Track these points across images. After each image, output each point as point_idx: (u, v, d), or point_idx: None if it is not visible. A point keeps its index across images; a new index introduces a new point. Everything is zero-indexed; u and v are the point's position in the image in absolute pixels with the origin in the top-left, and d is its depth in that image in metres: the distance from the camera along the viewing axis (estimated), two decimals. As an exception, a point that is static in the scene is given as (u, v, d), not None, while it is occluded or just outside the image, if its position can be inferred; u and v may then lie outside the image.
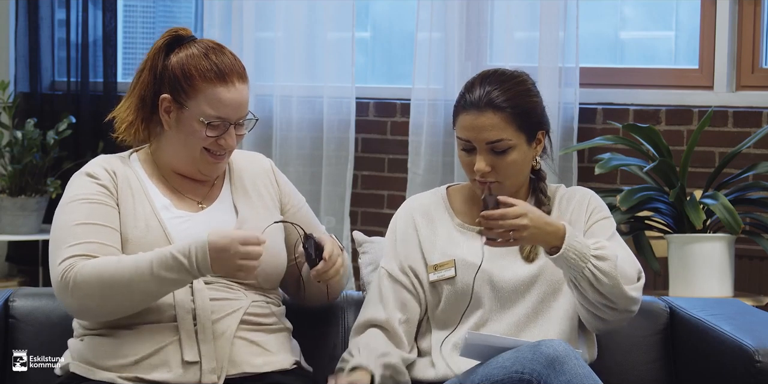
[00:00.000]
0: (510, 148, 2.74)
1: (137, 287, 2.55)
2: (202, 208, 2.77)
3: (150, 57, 2.74)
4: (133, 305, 2.60)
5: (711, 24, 4.73)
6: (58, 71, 5.81)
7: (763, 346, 2.64)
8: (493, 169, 2.74)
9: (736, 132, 4.61)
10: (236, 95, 2.69)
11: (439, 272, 2.78)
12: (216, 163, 2.74)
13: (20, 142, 5.36)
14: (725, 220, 3.98)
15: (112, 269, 2.56)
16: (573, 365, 2.45)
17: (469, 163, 2.76)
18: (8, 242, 5.70)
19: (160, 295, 2.60)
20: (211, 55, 2.71)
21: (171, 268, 2.54)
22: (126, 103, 2.77)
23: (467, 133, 2.74)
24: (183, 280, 2.57)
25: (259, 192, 2.82)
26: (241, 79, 2.71)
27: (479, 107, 2.73)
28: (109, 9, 5.66)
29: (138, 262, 2.56)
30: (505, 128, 2.73)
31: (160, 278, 2.55)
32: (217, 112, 2.68)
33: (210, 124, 2.68)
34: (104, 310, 2.61)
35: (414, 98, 5.08)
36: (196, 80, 2.68)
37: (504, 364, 2.50)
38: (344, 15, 5.18)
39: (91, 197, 2.68)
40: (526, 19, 4.92)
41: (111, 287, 2.56)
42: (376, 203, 5.26)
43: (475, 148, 2.74)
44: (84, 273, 2.56)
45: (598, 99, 4.90)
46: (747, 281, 4.45)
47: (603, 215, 2.83)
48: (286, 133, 5.27)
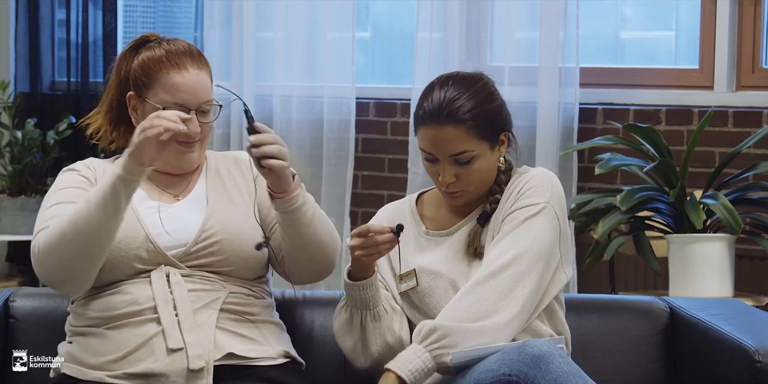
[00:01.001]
0: (473, 157, 2.69)
1: (88, 223, 2.58)
2: (178, 200, 2.80)
3: (117, 62, 2.84)
4: (94, 249, 2.60)
5: (711, 24, 4.74)
6: (58, 71, 5.81)
7: (763, 346, 2.63)
8: (459, 179, 2.70)
9: (736, 132, 4.61)
10: (190, 79, 2.73)
11: (405, 282, 2.77)
12: (185, 152, 2.77)
13: (20, 142, 5.37)
14: (725, 220, 3.98)
15: (66, 218, 2.60)
16: (558, 363, 2.44)
17: (434, 173, 2.72)
18: (8, 242, 5.70)
19: (110, 223, 2.59)
20: (164, 44, 2.77)
21: (106, 188, 2.58)
22: (96, 110, 2.88)
23: (429, 145, 2.69)
24: (123, 186, 2.57)
25: (235, 182, 2.84)
26: (195, 63, 2.75)
27: (439, 121, 2.67)
28: (109, 9, 5.66)
29: (77, 209, 2.59)
30: (468, 140, 2.68)
31: (98, 198, 2.58)
32: (173, 97, 2.72)
33: (167, 110, 2.69)
34: (70, 269, 2.62)
35: (414, 98, 5.05)
36: (152, 70, 2.74)
37: (491, 367, 2.49)
38: (344, 15, 5.18)
39: (70, 185, 2.76)
40: (527, 19, 4.92)
41: (65, 241, 2.59)
42: (376, 203, 5.25)
43: (437, 160, 2.70)
44: (46, 235, 2.62)
45: (598, 99, 4.91)
46: (747, 281, 4.45)
47: (525, 202, 2.70)
48: (287, 133, 5.27)
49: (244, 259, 2.74)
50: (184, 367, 2.61)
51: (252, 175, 2.86)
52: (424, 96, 2.74)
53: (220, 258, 2.73)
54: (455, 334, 2.57)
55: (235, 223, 2.75)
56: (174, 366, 2.61)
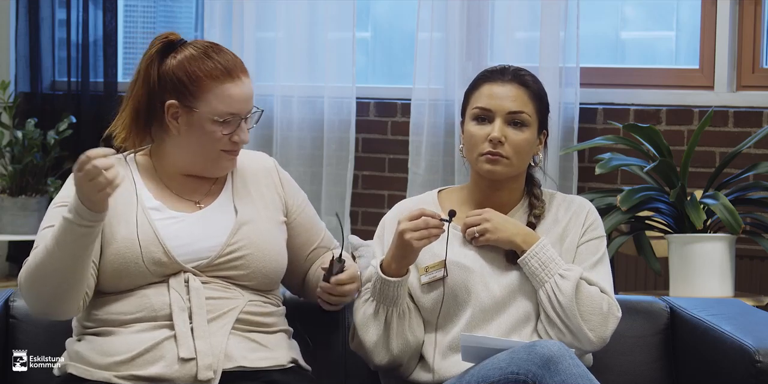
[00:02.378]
0: (526, 125, 2.76)
1: (51, 261, 2.56)
2: (200, 208, 2.76)
3: (143, 68, 2.73)
4: (64, 282, 2.58)
5: (711, 24, 4.73)
6: (58, 71, 5.81)
7: (763, 346, 2.63)
8: (507, 142, 2.75)
9: (736, 132, 4.61)
10: (245, 89, 2.70)
11: (430, 274, 2.77)
12: (231, 160, 2.75)
13: (21, 142, 5.37)
14: (726, 220, 3.98)
15: (31, 258, 2.60)
16: (568, 365, 2.45)
17: (481, 135, 2.75)
18: (8, 242, 5.70)
19: (75, 262, 2.56)
20: (212, 54, 2.70)
21: (61, 227, 2.53)
22: (120, 119, 2.75)
23: (489, 100, 2.76)
24: (72, 230, 2.52)
25: (261, 192, 2.81)
26: (244, 72, 2.72)
27: (505, 78, 2.78)
28: (110, 9, 5.66)
29: (45, 248, 2.57)
30: (527, 103, 2.77)
31: (57, 240, 2.54)
32: (229, 108, 2.68)
33: (224, 122, 2.68)
34: (47, 302, 2.61)
35: (414, 98, 5.08)
36: (203, 80, 2.67)
37: (499, 364, 2.49)
38: (345, 15, 5.18)
39: (66, 202, 2.62)
40: (527, 19, 4.92)
41: (36, 270, 2.59)
42: (376, 203, 5.26)
43: (491, 118, 2.75)
44: (24, 271, 2.62)
45: (598, 99, 4.90)
46: (747, 281, 4.45)
47: (598, 234, 2.82)
48: (287, 133, 5.27)
49: (265, 274, 2.72)
50: (193, 374, 2.59)
51: (281, 188, 2.84)
52: (484, 70, 2.84)
53: (243, 272, 2.70)
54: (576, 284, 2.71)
55: (264, 238, 2.72)
56: (182, 373, 2.59)
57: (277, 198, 2.82)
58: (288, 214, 2.83)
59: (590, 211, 2.84)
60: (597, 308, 2.70)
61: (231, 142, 2.70)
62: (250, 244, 2.70)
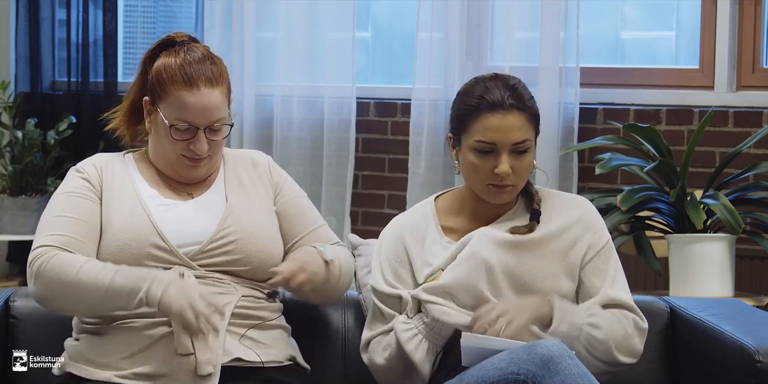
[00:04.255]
0: (529, 148, 2.72)
1: (89, 298, 2.61)
2: (192, 197, 2.80)
3: (141, 62, 2.82)
4: (84, 310, 2.67)
5: (711, 24, 4.73)
6: (58, 71, 5.81)
7: (763, 346, 2.63)
8: (513, 172, 2.70)
9: (736, 132, 4.61)
10: (201, 99, 2.71)
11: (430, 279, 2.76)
12: (193, 166, 2.77)
13: (21, 142, 5.36)
14: (726, 220, 3.98)
15: (73, 275, 2.61)
16: (567, 365, 2.45)
17: (485, 168, 2.70)
18: (8, 242, 5.70)
19: (109, 310, 2.64)
20: (187, 60, 2.74)
21: (120, 297, 2.60)
22: (118, 107, 2.86)
23: (493, 134, 2.68)
24: (128, 303, 2.61)
25: (253, 182, 2.85)
26: (210, 84, 2.73)
27: (504, 107, 2.68)
28: (110, 9, 5.66)
29: (98, 278, 2.60)
30: (528, 128, 2.71)
31: (109, 299, 2.61)
32: (181, 115, 2.72)
33: (174, 127, 2.72)
34: (58, 306, 2.67)
35: (414, 98, 5.08)
36: (165, 84, 2.73)
37: (499, 365, 2.49)
38: (345, 15, 5.18)
39: (74, 190, 2.75)
40: (527, 19, 4.92)
41: (67, 289, 2.61)
42: (376, 203, 5.26)
43: (496, 150, 2.69)
44: (48, 267, 2.62)
45: (598, 99, 4.90)
46: (747, 281, 4.45)
47: (604, 238, 2.80)
48: (287, 133, 5.27)
49: (261, 259, 2.73)
50: (192, 369, 2.61)
51: (270, 179, 2.86)
52: (475, 90, 2.72)
53: (237, 257, 2.73)
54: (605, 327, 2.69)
55: (254, 223, 2.75)
56: (182, 368, 2.61)
57: (267, 186, 2.85)
58: (275, 200, 2.84)
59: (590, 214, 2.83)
60: (626, 337, 2.72)
61: (188, 149, 2.74)
62: (241, 229, 2.73)
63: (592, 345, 2.68)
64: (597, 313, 2.70)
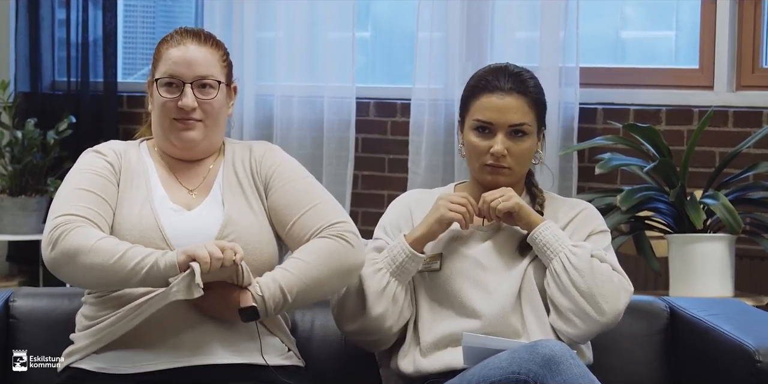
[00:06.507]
0: (527, 134, 2.78)
1: (102, 263, 2.57)
2: (194, 199, 2.78)
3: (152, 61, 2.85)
4: (94, 278, 2.60)
5: (711, 24, 4.74)
6: (58, 71, 5.80)
7: (763, 346, 2.64)
8: (509, 154, 2.77)
9: (736, 132, 4.61)
10: (186, 53, 2.75)
11: (426, 264, 2.79)
12: (184, 129, 2.76)
13: (20, 141, 5.36)
14: (726, 220, 3.98)
15: (92, 243, 2.57)
16: (569, 365, 2.45)
17: (482, 147, 2.77)
18: (8, 242, 5.70)
19: (120, 277, 2.59)
20: (182, 27, 2.82)
21: (134, 260, 2.57)
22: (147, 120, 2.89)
23: (490, 114, 2.76)
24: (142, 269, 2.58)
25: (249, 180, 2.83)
26: (198, 41, 2.78)
27: (504, 89, 2.77)
28: (110, 9, 5.66)
29: (117, 246, 2.58)
30: (528, 113, 2.78)
31: (124, 263, 2.57)
32: (169, 69, 2.75)
33: (161, 81, 2.74)
34: (70, 273, 2.61)
35: (414, 98, 5.08)
36: (160, 50, 2.79)
37: (500, 364, 2.49)
38: (345, 15, 5.18)
39: (96, 169, 2.74)
40: (527, 18, 4.92)
41: (83, 255, 2.57)
42: (376, 203, 5.26)
43: (493, 130, 2.76)
44: (70, 235, 2.59)
45: (598, 99, 4.91)
46: (747, 281, 4.45)
47: (602, 228, 2.85)
48: (287, 132, 5.27)
49: (257, 267, 2.71)
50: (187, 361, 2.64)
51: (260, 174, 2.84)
52: (482, 73, 2.82)
53: None
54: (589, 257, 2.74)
55: (251, 231, 2.73)
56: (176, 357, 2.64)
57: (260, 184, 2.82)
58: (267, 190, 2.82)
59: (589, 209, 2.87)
60: (608, 280, 2.72)
61: (177, 108, 2.74)
62: (239, 237, 2.70)
63: (570, 263, 2.69)
64: (587, 249, 2.73)
